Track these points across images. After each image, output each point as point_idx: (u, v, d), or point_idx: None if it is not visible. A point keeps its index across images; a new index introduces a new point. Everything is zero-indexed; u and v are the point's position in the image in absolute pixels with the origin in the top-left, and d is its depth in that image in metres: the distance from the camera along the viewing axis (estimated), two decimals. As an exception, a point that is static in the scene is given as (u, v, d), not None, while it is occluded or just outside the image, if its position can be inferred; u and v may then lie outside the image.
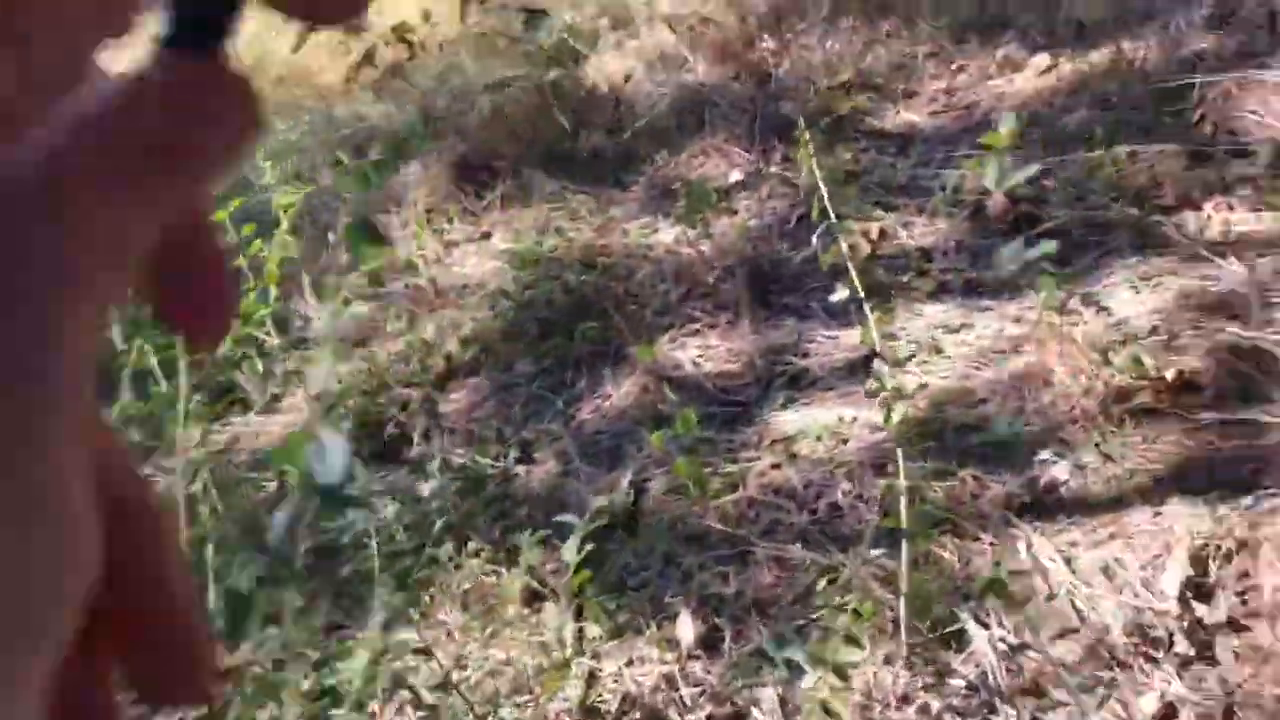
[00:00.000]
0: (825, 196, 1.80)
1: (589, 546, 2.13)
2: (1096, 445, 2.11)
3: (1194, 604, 1.79)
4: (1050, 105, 3.10)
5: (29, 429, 0.21)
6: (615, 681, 1.89)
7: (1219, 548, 1.86)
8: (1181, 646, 1.73)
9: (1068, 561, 1.93)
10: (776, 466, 2.26)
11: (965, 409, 2.25)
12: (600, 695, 1.86)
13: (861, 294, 1.77)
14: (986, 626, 1.84)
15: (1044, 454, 2.12)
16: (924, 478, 2.07)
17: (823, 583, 1.92)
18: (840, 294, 1.83)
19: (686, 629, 1.93)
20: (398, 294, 3.04)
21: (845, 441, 2.27)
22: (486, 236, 3.24)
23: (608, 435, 2.44)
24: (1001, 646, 1.80)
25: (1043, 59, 3.29)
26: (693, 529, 2.16)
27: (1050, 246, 2.37)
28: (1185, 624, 1.76)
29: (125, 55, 0.25)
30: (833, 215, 1.81)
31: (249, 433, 2.70)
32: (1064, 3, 3.46)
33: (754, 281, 2.68)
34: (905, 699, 1.72)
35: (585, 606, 2.01)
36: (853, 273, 1.78)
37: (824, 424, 2.30)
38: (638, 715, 1.81)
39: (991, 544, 1.99)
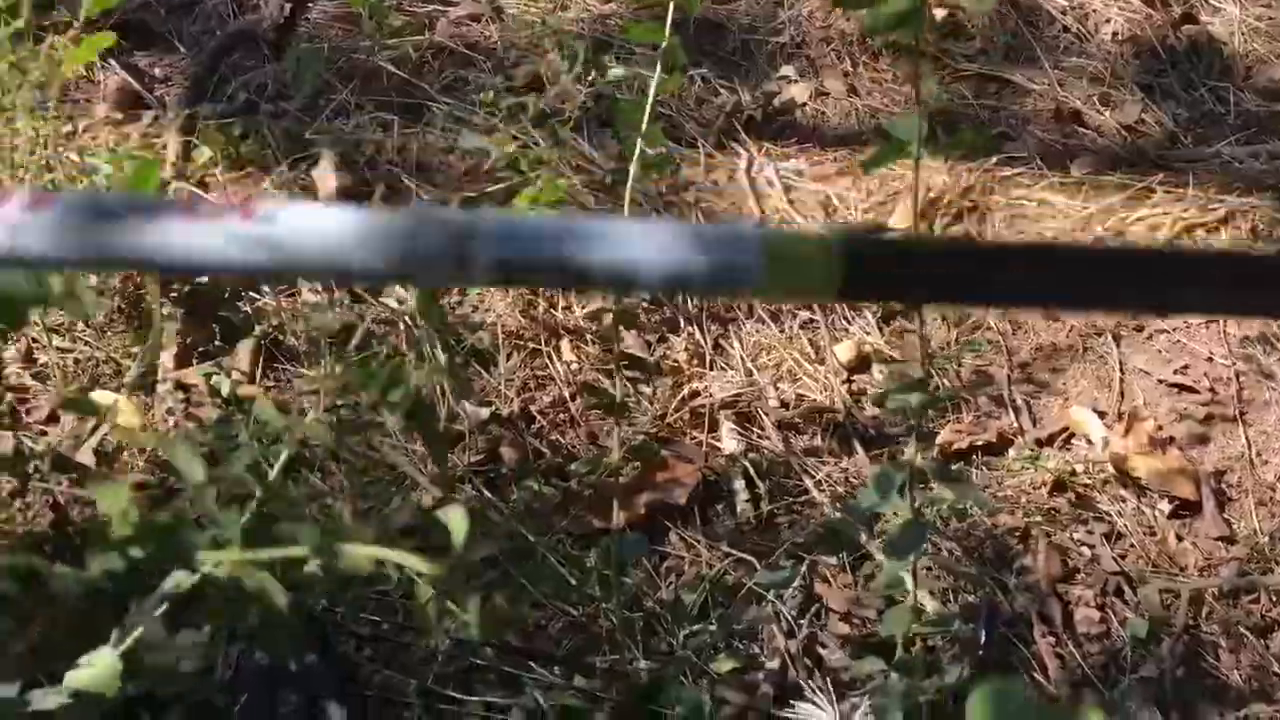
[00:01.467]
0: None
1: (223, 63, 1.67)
2: (845, 75, 1.84)
3: (911, 257, 1.59)
4: None
5: None
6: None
7: (949, 204, 1.66)
8: (890, 297, 1.54)
9: (786, 189, 1.67)
10: (477, 19, 1.85)
11: (715, 4, 1.90)
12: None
13: None
14: (685, 239, 1.56)
15: (786, 70, 1.83)
16: (649, 66, 1.72)
17: (505, 154, 1.57)
18: None
19: (327, 176, 1.54)
20: None
21: (565, 9, 1.87)
22: None
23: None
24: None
25: None
26: (359, 67, 1.73)
27: None
28: (898, 275, 1.55)
29: None
30: None
31: None
32: None
33: None
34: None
35: (198, 128, 1.57)
36: None
37: (544, -17, 1.89)
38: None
39: (708, 155, 1.70)
